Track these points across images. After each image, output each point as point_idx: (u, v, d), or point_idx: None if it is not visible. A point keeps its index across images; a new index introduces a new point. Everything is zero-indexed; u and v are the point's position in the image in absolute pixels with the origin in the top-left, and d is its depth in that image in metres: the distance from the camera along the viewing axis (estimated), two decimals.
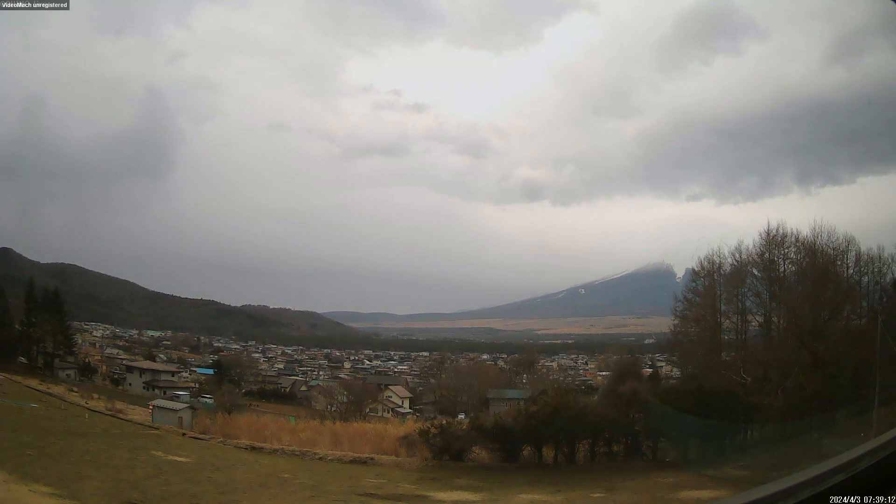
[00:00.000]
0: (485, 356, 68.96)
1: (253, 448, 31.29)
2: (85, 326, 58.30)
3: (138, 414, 36.58)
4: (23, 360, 43.70)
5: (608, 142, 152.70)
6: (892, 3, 4.41)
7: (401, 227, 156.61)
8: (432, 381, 58.69)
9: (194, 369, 56.87)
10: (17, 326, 43.68)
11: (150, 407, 36.50)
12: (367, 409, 44.49)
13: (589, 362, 64.55)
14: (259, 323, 76.45)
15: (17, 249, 64.42)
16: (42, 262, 65.12)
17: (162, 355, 58.21)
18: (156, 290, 73.99)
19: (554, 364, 64.00)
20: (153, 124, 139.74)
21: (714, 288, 37.85)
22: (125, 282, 72.86)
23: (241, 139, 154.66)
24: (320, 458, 30.15)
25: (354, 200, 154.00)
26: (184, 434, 33.18)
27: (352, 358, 68.33)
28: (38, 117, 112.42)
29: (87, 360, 50.55)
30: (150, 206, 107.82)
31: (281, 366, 63.76)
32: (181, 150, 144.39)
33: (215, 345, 66.52)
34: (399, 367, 66.39)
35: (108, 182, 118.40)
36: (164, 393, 43.88)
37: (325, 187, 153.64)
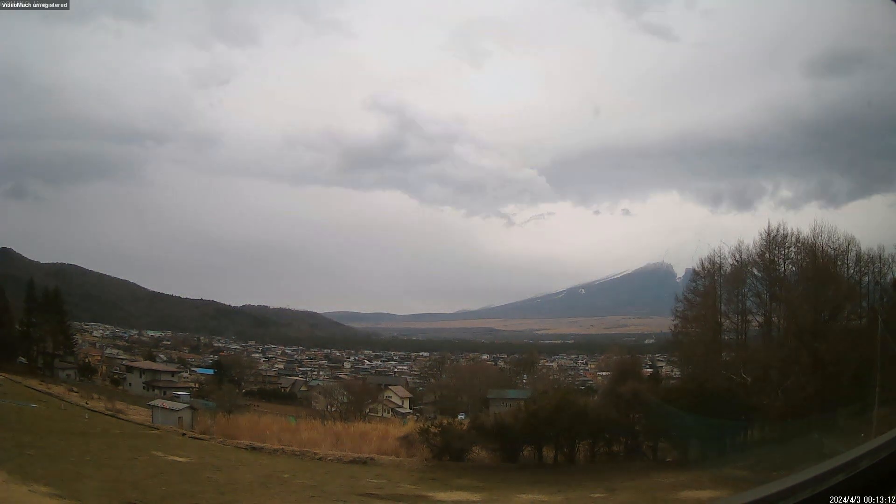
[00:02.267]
0: (485, 356, 68.90)
1: (253, 448, 31.29)
2: (85, 326, 58.26)
3: (138, 414, 36.56)
4: (23, 360, 43.67)
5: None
6: (893, 2, 4.40)
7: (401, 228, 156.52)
8: (432, 381, 58.67)
9: (194, 369, 56.84)
10: (17, 326, 43.65)
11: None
12: (367, 410, 44.47)
13: (589, 362, 64.50)
14: (259, 323, 76.41)
15: (17, 249, 64.47)
16: (42, 262, 65.11)
17: (162, 355, 58.19)
18: (156, 290, 74.00)
19: (554, 364, 63.92)
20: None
21: (714, 288, 37.83)
22: (125, 282, 72.88)
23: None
24: (320, 459, 30.16)
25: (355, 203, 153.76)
26: (184, 434, 33.18)
27: (352, 358, 68.27)
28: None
29: (87, 360, 50.50)
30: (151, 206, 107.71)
31: (281, 366, 63.72)
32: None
33: (215, 345, 66.48)
34: (399, 367, 66.35)
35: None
36: (164, 393, 43.85)
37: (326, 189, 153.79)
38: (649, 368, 47.30)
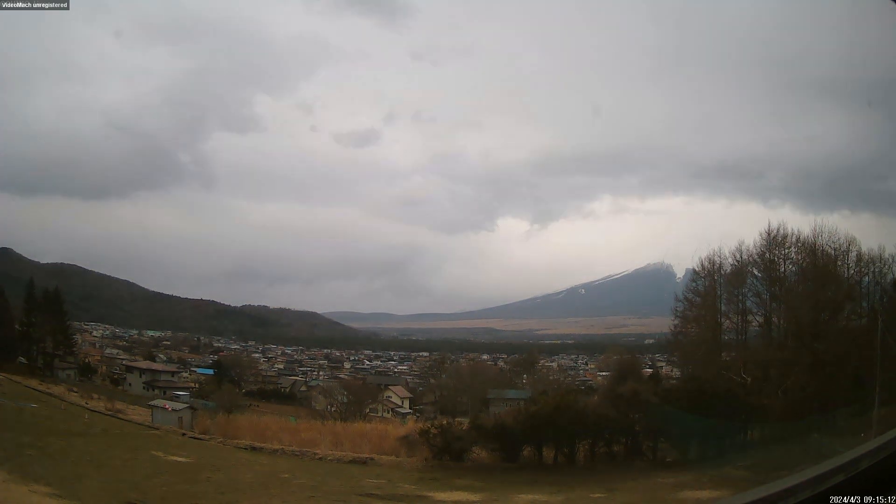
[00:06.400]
0: (485, 356, 68.89)
1: (253, 448, 31.29)
2: (85, 326, 58.22)
3: (138, 414, 36.56)
4: (23, 360, 43.65)
5: None
6: (893, 2, 4.39)
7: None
8: (432, 381, 58.62)
9: (194, 369, 56.82)
10: (17, 326, 43.63)
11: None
12: (367, 410, 44.46)
13: (589, 362, 64.51)
14: (259, 323, 76.40)
15: (17, 249, 64.45)
16: (42, 262, 65.08)
17: (162, 355, 58.13)
18: (156, 290, 74.00)
19: (554, 364, 63.91)
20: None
21: (714, 288, 37.83)
22: (125, 282, 72.89)
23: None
24: (320, 459, 30.14)
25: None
26: (184, 434, 33.18)
27: (352, 358, 68.26)
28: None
29: (87, 360, 50.51)
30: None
31: (281, 366, 63.70)
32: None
33: (215, 345, 66.45)
34: (399, 367, 66.35)
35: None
36: (164, 393, 43.84)
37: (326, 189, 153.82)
38: (649, 368, 47.30)
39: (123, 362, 52.57)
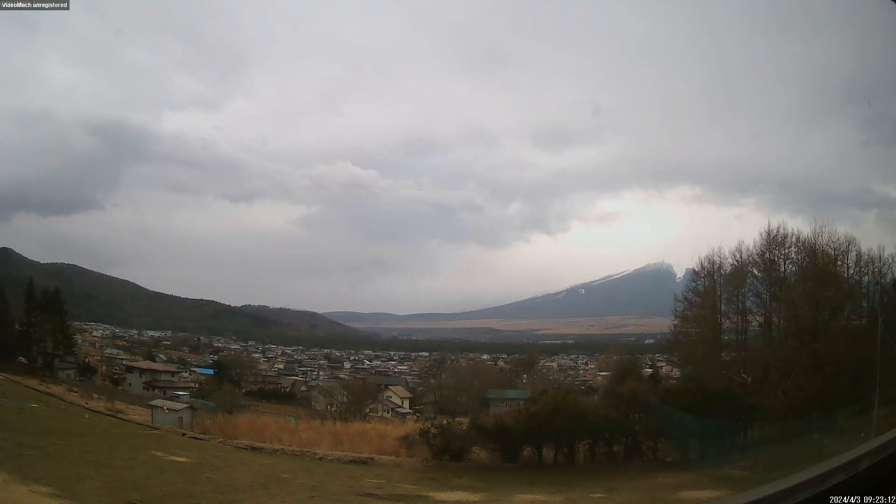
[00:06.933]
0: (485, 356, 68.91)
1: (253, 448, 31.31)
2: (85, 326, 58.17)
3: (138, 414, 36.59)
4: (23, 360, 43.67)
5: None
6: (892, 2, 4.40)
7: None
8: (432, 381, 58.65)
9: (194, 369, 56.83)
10: (17, 326, 43.64)
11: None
12: (367, 410, 44.47)
13: (589, 362, 64.46)
14: (259, 323, 76.34)
15: (17, 249, 64.38)
16: (42, 262, 64.99)
17: (162, 355, 58.14)
18: (156, 290, 73.86)
19: (554, 364, 63.90)
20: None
21: (714, 288, 37.86)
22: (125, 282, 72.78)
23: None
24: (320, 459, 30.17)
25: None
26: (184, 434, 33.21)
27: (352, 358, 68.26)
28: None
29: (87, 360, 50.50)
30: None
31: (281, 366, 63.71)
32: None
33: (215, 345, 66.43)
34: (399, 367, 66.34)
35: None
36: (164, 393, 43.86)
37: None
38: (649, 368, 47.27)
39: (123, 362, 52.56)
